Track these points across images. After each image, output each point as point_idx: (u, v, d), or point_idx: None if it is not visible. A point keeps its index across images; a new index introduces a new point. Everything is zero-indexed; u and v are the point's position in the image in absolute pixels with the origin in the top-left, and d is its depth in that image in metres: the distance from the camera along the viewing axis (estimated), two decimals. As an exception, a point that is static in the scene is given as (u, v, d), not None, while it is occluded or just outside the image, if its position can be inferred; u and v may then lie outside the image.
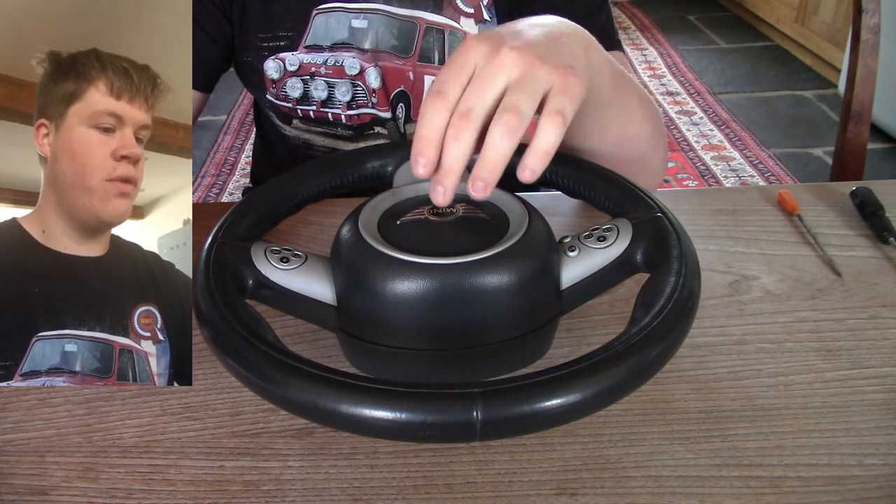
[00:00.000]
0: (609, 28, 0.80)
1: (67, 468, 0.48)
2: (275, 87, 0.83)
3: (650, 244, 0.49)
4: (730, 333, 0.58)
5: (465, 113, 0.45)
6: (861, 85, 1.02)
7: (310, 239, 0.69)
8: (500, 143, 0.44)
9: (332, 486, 0.46)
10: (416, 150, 0.46)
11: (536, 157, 0.45)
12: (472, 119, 0.45)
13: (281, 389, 0.39)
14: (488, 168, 0.45)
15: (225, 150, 2.65)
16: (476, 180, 0.45)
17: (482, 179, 0.45)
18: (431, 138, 0.45)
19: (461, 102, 0.46)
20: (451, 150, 0.45)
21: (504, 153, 0.44)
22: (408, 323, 0.47)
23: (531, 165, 0.45)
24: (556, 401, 0.37)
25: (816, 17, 3.14)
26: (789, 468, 0.47)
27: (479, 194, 0.45)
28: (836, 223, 0.71)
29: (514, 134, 0.44)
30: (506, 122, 0.44)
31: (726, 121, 2.77)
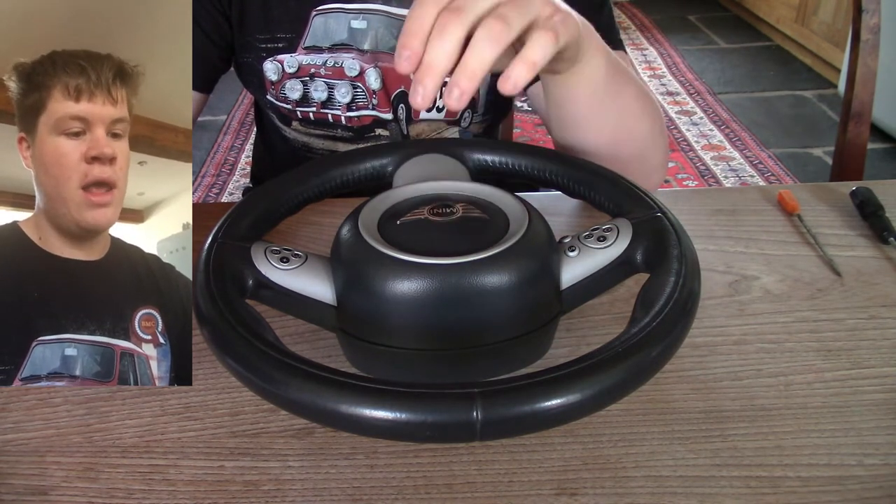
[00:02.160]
0: (611, 28, 0.80)
1: (67, 468, 0.48)
2: (274, 89, 0.83)
3: (650, 244, 0.49)
4: (730, 333, 0.58)
5: (455, 9, 0.44)
6: (861, 85, 1.02)
7: (310, 239, 0.69)
8: (482, 47, 0.43)
9: (332, 486, 0.46)
10: (400, 43, 0.44)
11: (523, 66, 0.44)
12: (461, 16, 0.43)
13: (281, 389, 0.39)
14: (467, 74, 0.43)
15: (225, 150, 2.65)
16: (453, 87, 0.43)
17: (458, 86, 0.43)
18: (417, 32, 0.44)
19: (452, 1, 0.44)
20: (434, 45, 0.43)
21: (485, 60, 0.43)
22: (408, 323, 0.47)
23: (514, 75, 0.44)
24: (556, 401, 0.37)
25: (816, 17, 3.14)
26: (789, 468, 0.47)
27: (454, 103, 0.43)
28: (836, 223, 0.71)
29: (498, 42, 0.43)
30: (491, 28, 0.43)
31: (726, 121, 2.77)
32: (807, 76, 3.15)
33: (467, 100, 0.44)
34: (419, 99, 0.44)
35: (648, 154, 0.69)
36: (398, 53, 0.45)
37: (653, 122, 0.67)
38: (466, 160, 0.60)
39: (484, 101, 0.86)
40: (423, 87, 0.44)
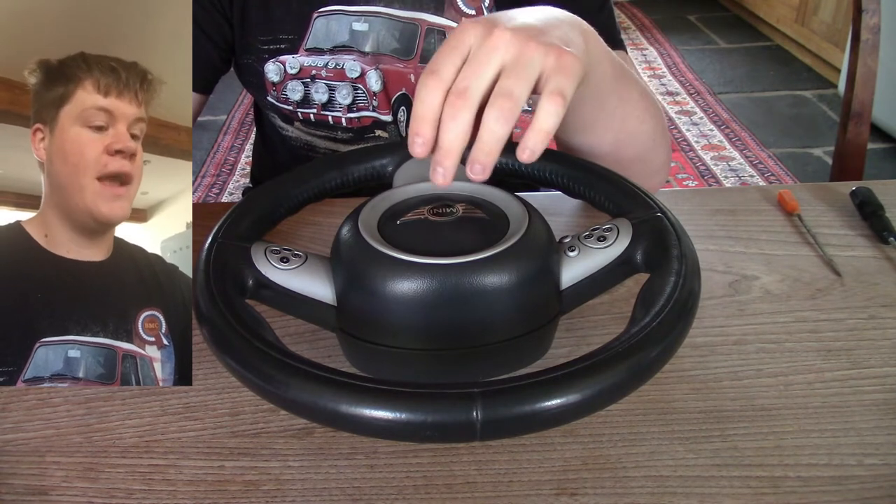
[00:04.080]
0: (611, 28, 0.80)
1: (67, 468, 0.48)
2: (275, 90, 0.83)
3: (650, 244, 0.49)
4: (730, 333, 0.58)
5: (462, 92, 0.45)
6: (861, 85, 1.02)
7: (310, 239, 0.69)
8: (495, 126, 0.44)
9: (331, 486, 0.46)
10: (412, 130, 0.45)
11: (537, 137, 0.45)
12: (469, 98, 0.45)
13: (280, 389, 0.39)
14: (485, 151, 0.44)
15: (225, 150, 2.65)
16: (474, 163, 0.45)
17: (480, 163, 0.45)
18: (427, 117, 0.45)
19: (457, 82, 0.45)
20: (448, 129, 0.45)
21: (500, 136, 0.44)
22: (408, 323, 0.47)
23: (531, 145, 0.45)
24: (556, 401, 0.37)
25: (816, 17, 3.14)
26: (789, 468, 0.47)
27: (478, 177, 0.45)
28: (836, 223, 0.71)
29: (509, 118, 0.44)
30: (500, 107, 0.44)
31: (726, 121, 2.77)
32: (807, 76, 3.15)
33: (489, 172, 0.45)
34: (440, 180, 0.45)
35: (650, 155, 0.69)
36: (411, 140, 0.46)
37: (655, 123, 0.67)
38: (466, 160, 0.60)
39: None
40: (444, 168, 0.45)
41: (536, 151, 0.45)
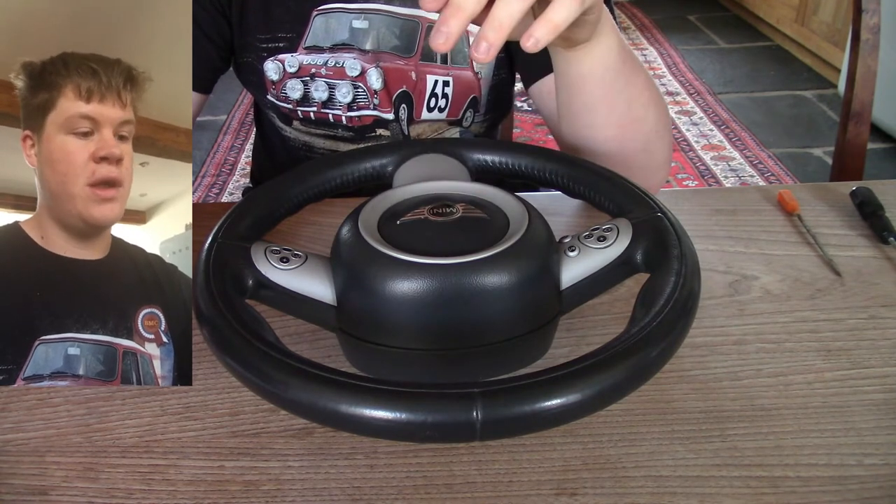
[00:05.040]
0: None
1: (67, 468, 0.48)
2: (275, 89, 0.83)
3: (650, 244, 0.49)
4: (730, 333, 0.58)
5: None
6: (861, 85, 1.02)
7: (310, 239, 0.69)
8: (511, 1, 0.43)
9: (331, 486, 0.46)
10: None
11: (546, 27, 0.44)
12: None
13: (280, 389, 0.39)
14: (495, 27, 0.43)
15: (225, 150, 2.65)
16: (481, 40, 0.43)
17: (486, 39, 0.43)
18: None
19: None
20: None
21: (514, 13, 0.43)
22: (408, 323, 0.47)
23: (537, 34, 0.44)
24: (556, 401, 0.37)
25: (816, 17, 3.14)
26: (789, 468, 0.47)
27: (482, 56, 0.43)
28: (836, 223, 0.71)
29: None
30: None
31: (726, 121, 2.77)
32: (807, 76, 3.15)
33: (494, 53, 0.43)
34: (441, 40, 0.43)
35: (653, 147, 0.69)
36: None
37: (659, 113, 0.67)
38: (466, 160, 0.60)
39: (486, 100, 0.86)
40: (448, 27, 0.43)
41: (541, 41, 0.44)
